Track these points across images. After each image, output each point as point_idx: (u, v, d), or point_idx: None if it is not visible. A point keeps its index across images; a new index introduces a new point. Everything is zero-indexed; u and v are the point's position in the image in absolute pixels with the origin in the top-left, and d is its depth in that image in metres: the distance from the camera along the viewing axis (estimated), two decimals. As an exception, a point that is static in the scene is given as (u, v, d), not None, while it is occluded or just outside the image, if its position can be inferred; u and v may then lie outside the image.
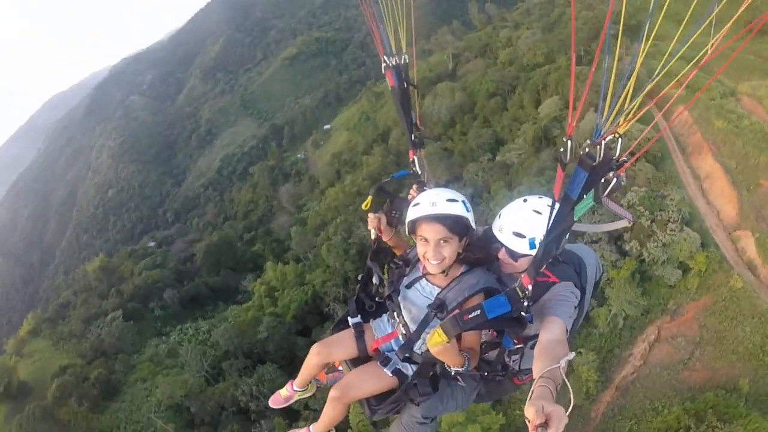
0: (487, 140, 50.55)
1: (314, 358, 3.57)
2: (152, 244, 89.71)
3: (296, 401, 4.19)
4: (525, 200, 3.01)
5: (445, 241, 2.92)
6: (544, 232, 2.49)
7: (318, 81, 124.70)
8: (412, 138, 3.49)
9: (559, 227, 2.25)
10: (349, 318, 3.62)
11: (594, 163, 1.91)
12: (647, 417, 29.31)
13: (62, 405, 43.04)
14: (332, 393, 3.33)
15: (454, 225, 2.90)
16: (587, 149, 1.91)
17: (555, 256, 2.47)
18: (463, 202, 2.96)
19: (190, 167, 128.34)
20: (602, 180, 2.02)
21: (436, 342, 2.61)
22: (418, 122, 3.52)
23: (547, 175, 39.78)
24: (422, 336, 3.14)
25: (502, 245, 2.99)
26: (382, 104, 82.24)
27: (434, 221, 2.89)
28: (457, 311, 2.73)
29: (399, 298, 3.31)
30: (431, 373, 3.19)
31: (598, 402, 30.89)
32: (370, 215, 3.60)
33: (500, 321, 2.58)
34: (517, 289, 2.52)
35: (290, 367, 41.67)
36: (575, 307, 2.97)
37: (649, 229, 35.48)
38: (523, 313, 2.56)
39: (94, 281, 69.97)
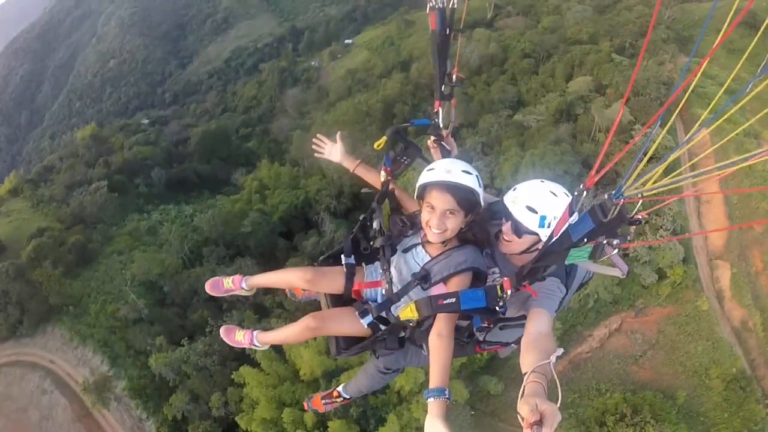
0: (509, 97, 49.64)
1: (299, 280, 3.53)
2: (146, 121, 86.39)
3: (230, 296, 4.16)
4: (542, 181, 2.98)
5: (451, 213, 2.91)
6: (556, 214, 2.74)
7: None
8: (442, 88, 3.39)
9: (550, 258, 2.27)
10: (343, 257, 3.57)
11: (604, 220, 1.90)
12: (590, 395, 31.85)
13: (36, 266, 42.54)
14: (309, 321, 3.33)
15: (464, 199, 2.89)
16: (603, 203, 1.88)
17: (538, 277, 2.47)
18: (477, 177, 2.95)
19: (199, 52, 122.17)
20: (605, 237, 2.03)
21: (406, 316, 2.73)
22: (453, 72, 3.39)
23: (562, 146, 39.79)
24: (401, 300, 3.17)
25: (511, 218, 2.95)
26: (411, 33, 79.00)
27: (446, 190, 2.87)
28: (440, 286, 2.98)
29: (393, 256, 3.33)
30: (402, 334, 3.25)
31: None
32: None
33: (472, 310, 2.65)
34: (498, 288, 2.55)
35: (267, 265, 41.40)
36: (558, 303, 2.98)
37: (641, 227, 36.21)
38: (496, 308, 2.61)
39: (82, 149, 67.32)
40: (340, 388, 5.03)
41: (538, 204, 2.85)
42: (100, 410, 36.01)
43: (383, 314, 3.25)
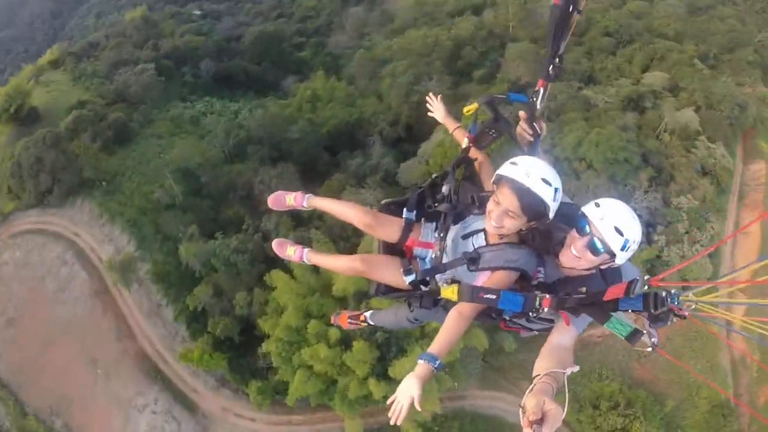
0: (581, 70, 47.37)
1: (358, 220, 3.62)
2: (198, 12, 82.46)
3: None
4: (623, 203, 2.91)
5: (512, 215, 2.87)
6: (636, 238, 2.80)
7: None
8: (550, 68, 3.17)
9: (592, 311, 2.46)
10: (405, 210, 3.63)
11: (653, 311, 2.05)
12: (591, 377, 32.95)
13: (74, 138, 41.55)
14: (358, 264, 3.53)
15: (531, 207, 2.81)
16: (660, 296, 2.03)
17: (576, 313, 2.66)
18: (556, 190, 2.85)
19: None
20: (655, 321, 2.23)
21: (447, 296, 2.81)
22: (563, 52, 3.16)
23: (628, 134, 38.61)
24: (447, 272, 3.27)
25: (590, 235, 2.83)
26: (491, -17, 74.36)
27: (515, 192, 2.79)
28: (486, 274, 3.03)
29: (453, 227, 3.39)
30: (437, 298, 3.31)
31: None
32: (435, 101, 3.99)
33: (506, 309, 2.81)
34: (537, 300, 2.59)
35: (308, 175, 41.61)
36: (589, 323, 3.01)
37: (681, 236, 35.94)
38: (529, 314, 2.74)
39: (130, 29, 64.83)
40: (367, 314, 5.10)
41: (626, 227, 2.77)
42: (119, 289, 35.86)
43: (427, 278, 3.38)
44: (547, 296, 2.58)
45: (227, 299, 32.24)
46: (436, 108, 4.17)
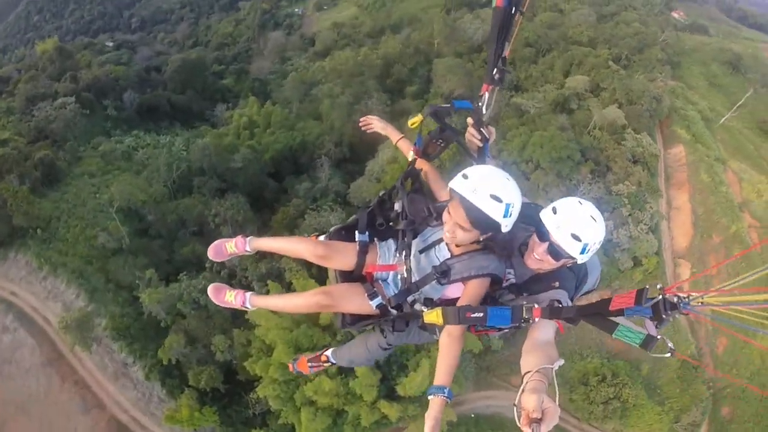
0: (508, 79, 49.16)
1: (309, 254, 3.33)
2: (110, 44, 77.32)
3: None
4: (581, 203, 2.83)
5: (463, 229, 2.81)
6: (596, 240, 2.74)
7: None
8: (494, 72, 3.12)
9: (596, 321, 2.29)
10: (357, 233, 3.39)
11: (665, 316, 1.99)
12: (573, 358, 33.84)
13: None
14: (321, 298, 3.23)
15: (480, 222, 2.74)
16: (669, 302, 1.97)
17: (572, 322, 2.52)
18: (508, 205, 2.70)
19: None
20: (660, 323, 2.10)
21: (431, 320, 2.70)
22: (507, 55, 3.15)
23: (567, 134, 40.56)
24: (421, 290, 3.12)
25: (550, 242, 2.80)
26: (403, -1, 76.35)
27: (463, 208, 2.72)
28: (459, 285, 2.95)
29: (414, 243, 3.23)
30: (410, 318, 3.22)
31: None
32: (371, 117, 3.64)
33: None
34: (524, 310, 2.50)
35: (256, 204, 39.63)
36: None
37: (625, 218, 38.22)
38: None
39: (45, 61, 58.86)
40: (329, 353, 4.70)
41: (582, 232, 2.71)
42: (76, 353, 30.63)
43: (400, 302, 3.18)
44: (536, 306, 2.50)
45: (202, 346, 28.80)
46: (375, 124, 3.91)
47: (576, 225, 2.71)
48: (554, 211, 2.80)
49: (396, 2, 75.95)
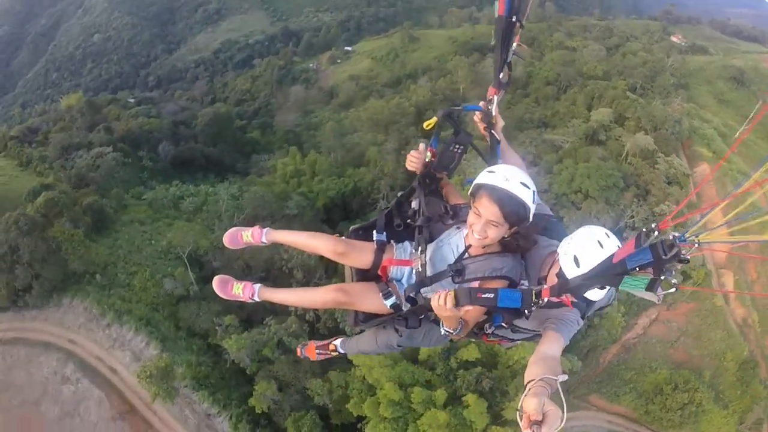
0: (536, 118, 50.62)
1: (327, 250, 3.29)
2: (132, 100, 77.77)
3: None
4: (592, 229, 2.74)
5: (495, 224, 2.75)
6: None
7: (345, 2, 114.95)
8: (500, 76, 3.13)
9: (599, 280, 2.22)
10: (375, 232, 3.39)
11: (664, 257, 1.91)
12: (644, 371, 34.60)
13: (50, 224, 33.38)
14: (339, 295, 3.19)
15: (513, 213, 2.69)
16: (667, 242, 1.91)
17: (578, 295, 2.45)
18: (534, 192, 2.74)
19: (187, 39, 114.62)
20: (659, 272, 2.00)
21: (450, 303, 2.60)
22: (511, 62, 3.16)
23: (609, 163, 41.58)
24: (433, 285, 3.08)
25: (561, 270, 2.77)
26: (416, 49, 79.09)
27: (496, 201, 2.67)
28: (474, 284, 2.84)
29: (432, 242, 3.19)
30: (423, 315, 3.15)
31: (606, 352, 36.00)
32: (413, 153, 3.31)
33: (504, 309, 2.62)
34: (534, 293, 2.48)
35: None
36: (574, 333, 2.94)
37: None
38: (526, 311, 2.59)
39: (75, 113, 58.84)
40: (337, 343, 4.57)
41: (582, 256, 2.60)
42: (149, 405, 27.61)
43: (412, 294, 3.14)
44: (545, 286, 2.46)
45: (295, 391, 27.05)
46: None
47: (578, 249, 2.63)
48: (571, 238, 2.74)
49: (408, 53, 78.29)
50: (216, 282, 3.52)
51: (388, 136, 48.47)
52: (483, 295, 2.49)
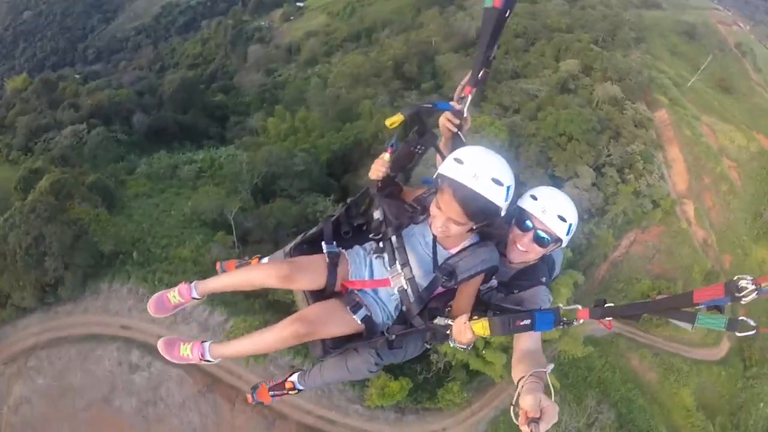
0: (509, 69, 56.22)
1: (273, 278, 2.81)
2: (77, 76, 73.41)
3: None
4: (554, 189, 2.94)
5: (457, 223, 2.58)
6: (575, 221, 2.81)
7: None
8: (479, 73, 2.82)
9: (673, 314, 2.06)
10: (324, 244, 3.00)
11: (742, 302, 1.84)
12: (632, 282, 41.19)
13: (65, 208, 31.52)
14: (298, 328, 2.70)
15: (479, 213, 2.51)
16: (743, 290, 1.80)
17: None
18: (508, 188, 2.50)
19: (124, 6, 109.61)
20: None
21: (477, 331, 2.42)
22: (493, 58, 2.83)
23: (586, 110, 47.63)
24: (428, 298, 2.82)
25: (534, 228, 2.83)
26: (371, 2, 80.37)
27: (459, 201, 2.46)
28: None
29: (407, 246, 2.87)
30: (409, 331, 2.87)
31: (599, 269, 42.17)
32: (379, 162, 2.92)
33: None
34: (564, 314, 2.31)
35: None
36: None
37: (641, 171, 46.66)
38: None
39: (29, 95, 55.71)
40: (294, 379, 3.96)
41: (567, 213, 2.81)
42: (232, 371, 27.50)
43: (416, 317, 2.81)
44: (579, 307, 2.27)
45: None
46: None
47: (560, 207, 2.80)
48: (534, 198, 2.84)
49: (365, 7, 79.60)
50: (161, 345, 3.16)
51: (376, 89, 51.34)
52: (521, 323, 2.30)
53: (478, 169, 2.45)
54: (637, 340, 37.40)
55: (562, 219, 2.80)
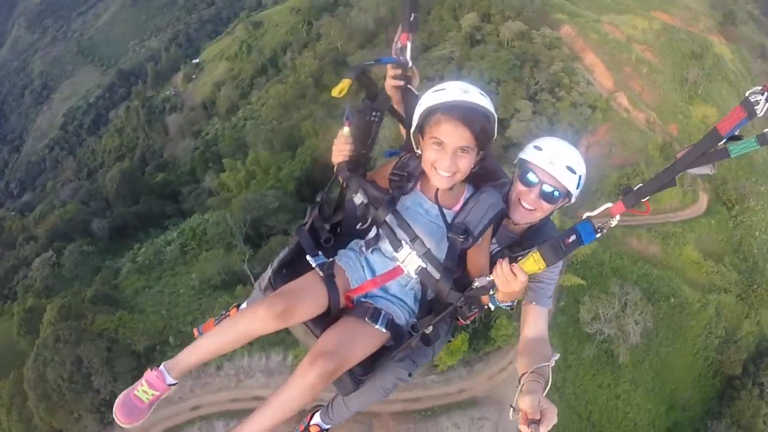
0: (417, 45, 60.68)
1: (267, 320, 2.27)
2: (13, 213, 72.24)
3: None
4: (558, 138, 2.73)
5: (465, 151, 2.36)
6: (584, 173, 2.57)
7: (165, 21, 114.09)
8: (411, 17, 2.73)
9: (708, 157, 1.95)
10: (309, 257, 2.55)
11: (758, 115, 1.78)
12: (603, 180, 43.75)
13: (85, 326, 32.55)
14: (321, 366, 2.19)
15: (482, 132, 2.34)
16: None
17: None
18: (485, 95, 2.39)
19: (28, 128, 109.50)
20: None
21: (531, 269, 2.22)
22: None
23: (503, 52, 52.69)
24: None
25: (542, 183, 2.59)
26: (263, 33, 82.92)
27: (461, 121, 2.29)
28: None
29: (410, 221, 2.53)
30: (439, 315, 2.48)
31: None
32: (341, 140, 2.63)
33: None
34: (602, 211, 2.18)
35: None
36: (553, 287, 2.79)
37: (570, 84, 52.02)
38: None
39: None
40: (318, 420, 3.29)
41: (575, 163, 2.60)
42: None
43: (450, 295, 2.46)
44: (610, 204, 2.15)
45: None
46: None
47: (568, 157, 2.59)
48: (538, 148, 2.61)
49: (258, 40, 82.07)
50: (118, 411, 2.49)
51: (309, 108, 54.42)
52: (569, 240, 2.14)
53: (464, 86, 2.36)
54: (628, 225, 41.79)
55: (572, 170, 2.57)
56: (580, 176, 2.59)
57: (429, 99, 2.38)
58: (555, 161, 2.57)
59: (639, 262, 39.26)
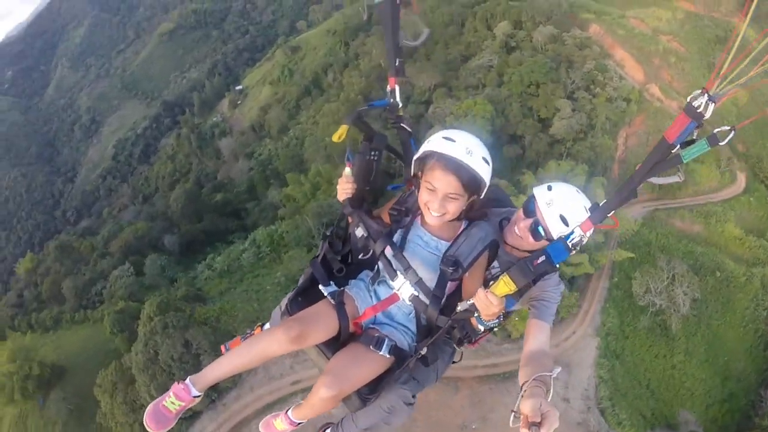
0: (457, 56, 67.05)
1: (283, 343, 2.70)
2: (74, 237, 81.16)
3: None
4: (577, 191, 2.97)
5: (454, 197, 2.69)
6: (582, 233, 2.49)
7: (202, 53, 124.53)
8: (396, 63, 3.12)
9: (660, 166, 2.16)
10: (322, 287, 2.98)
11: (706, 117, 1.96)
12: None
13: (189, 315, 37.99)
14: (324, 391, 2.71)
15: (472, 182, 2.65)
16: (702, 103, 1.95)
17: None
18: (488, 162, 2.70)
19: (80, 161, 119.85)
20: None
21: (502, 291, 2.45)
22: (403, 45, 3.16)
23: (539, 56, 58.29)
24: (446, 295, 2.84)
25: (535, 218, 2.93)
26: (302, 56, 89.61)
27: (453, 172, 2.61)
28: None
29: (406, 253, 2.90)
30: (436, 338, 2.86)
31: (611, 170, 51.36)
32: (343, 180, 3.03)
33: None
34: (575, 238, 2.41)
35: None
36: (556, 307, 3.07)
37: (604, 81, 57.46)
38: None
39: (51, 262, 63.48)
40: None
41: (572, 217, 2.81)
42: None
43: (438, 311, 2.78)
44: (585, 220, 2.40)
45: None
46: None
47: (567, 207, 2.82)
48: (549, 188, 2.94)
49: (298, 63, 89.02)
50: (149, 419, 2.79)
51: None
52: (538, 262, 2.36)
53: (470, 146, 2.63)
54: (671, 207, 46.70)
55: (564, 220, 2.80)
56: (571, 232, 2.48)
57: (434, 143, 2.67)
58: (553, 205, 2.88)
59: (683, 240, 43.61)
